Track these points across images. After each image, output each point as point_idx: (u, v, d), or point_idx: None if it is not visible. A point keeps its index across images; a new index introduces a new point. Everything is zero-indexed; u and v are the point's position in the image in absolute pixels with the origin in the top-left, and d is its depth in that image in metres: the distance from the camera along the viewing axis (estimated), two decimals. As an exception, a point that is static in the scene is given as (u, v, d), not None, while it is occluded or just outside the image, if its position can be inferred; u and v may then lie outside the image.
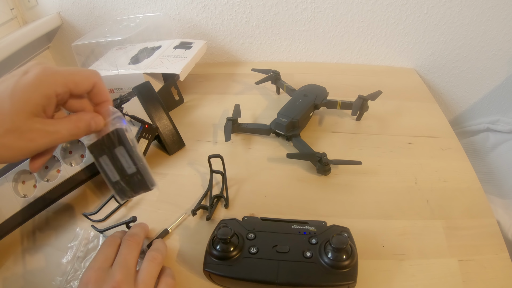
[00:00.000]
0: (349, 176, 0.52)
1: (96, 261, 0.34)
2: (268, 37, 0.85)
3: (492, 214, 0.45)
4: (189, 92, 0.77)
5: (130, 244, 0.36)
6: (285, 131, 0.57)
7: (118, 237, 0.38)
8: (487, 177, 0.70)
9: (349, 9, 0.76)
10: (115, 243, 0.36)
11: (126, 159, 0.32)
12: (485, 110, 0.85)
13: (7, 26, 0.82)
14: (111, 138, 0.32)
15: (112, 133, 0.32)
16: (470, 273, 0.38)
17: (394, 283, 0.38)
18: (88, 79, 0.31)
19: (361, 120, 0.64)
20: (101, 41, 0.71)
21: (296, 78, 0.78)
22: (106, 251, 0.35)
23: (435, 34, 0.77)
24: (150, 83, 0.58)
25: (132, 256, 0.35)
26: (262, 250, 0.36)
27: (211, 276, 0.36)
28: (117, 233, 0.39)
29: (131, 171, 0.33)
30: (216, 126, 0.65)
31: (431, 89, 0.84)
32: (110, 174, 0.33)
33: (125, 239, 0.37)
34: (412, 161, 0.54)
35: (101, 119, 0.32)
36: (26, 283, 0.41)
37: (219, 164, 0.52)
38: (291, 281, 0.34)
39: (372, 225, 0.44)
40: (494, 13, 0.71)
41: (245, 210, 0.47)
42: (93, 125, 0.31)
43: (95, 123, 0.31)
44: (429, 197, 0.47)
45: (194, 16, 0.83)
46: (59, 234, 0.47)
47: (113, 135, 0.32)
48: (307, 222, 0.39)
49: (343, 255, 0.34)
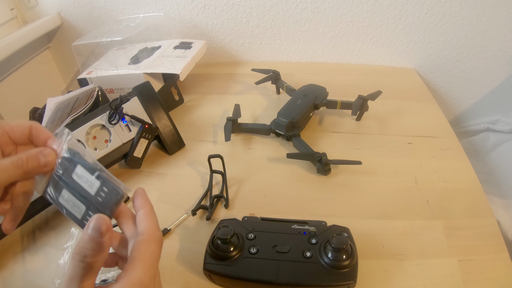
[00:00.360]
0: (349, 176, 0.52)
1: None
2: (268, 37, 0.85)
3: (492, 214, 0.45)
4: (189, 92, 0.77)
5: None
6: (285, 131, 0.57)
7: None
8: (487, 177, 0.70)
9: (349, 9, 0.76)
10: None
11: (85, 177, 0.27)
12: (485, 110, 0.85)
13: (7, 26, 0.82)
14: (65, 164, 0.28)
15: (63, 158, 0.28)
16: (470, 273, 0.38)
17: (394, 283, 0.38)
18: (24, 122, 0.30)
19: (361, 120, 0.64)
20: (101, 41, 0.71)
21: (296, 78, 0.78)
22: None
23: (435, 34, 0.77)
24: (150, 83, 0.58)
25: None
26: (262, 250, 0.36)
27: (211, 276, 0.36)
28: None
29: (95, 188, 0.27)
30: (216, 126, 0.65)
31: (431, 89, 0.84)
32: (75, 211, 0.28)
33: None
34: (412, 161, 0.54)
35: (50, 151, 0.28)
36: (26, 283, 0.41)
37: (219, 164, 0.52)
38: (291, 281, 0.34)
39: (372, 225, 0.44)
40: (494, 13, 0.71)
41: (245, 210, 0.47)
42: (41, 158, 0.28)
43: (44, 155, 0.28)
44: (429, 197, 0.47)
45: (194, 16, 0.83)
46: (59, 234, 0.47)
47: (65, 159, 0.28)
48: (307, 222, 0.39)
49: (343, 255, 0.34)
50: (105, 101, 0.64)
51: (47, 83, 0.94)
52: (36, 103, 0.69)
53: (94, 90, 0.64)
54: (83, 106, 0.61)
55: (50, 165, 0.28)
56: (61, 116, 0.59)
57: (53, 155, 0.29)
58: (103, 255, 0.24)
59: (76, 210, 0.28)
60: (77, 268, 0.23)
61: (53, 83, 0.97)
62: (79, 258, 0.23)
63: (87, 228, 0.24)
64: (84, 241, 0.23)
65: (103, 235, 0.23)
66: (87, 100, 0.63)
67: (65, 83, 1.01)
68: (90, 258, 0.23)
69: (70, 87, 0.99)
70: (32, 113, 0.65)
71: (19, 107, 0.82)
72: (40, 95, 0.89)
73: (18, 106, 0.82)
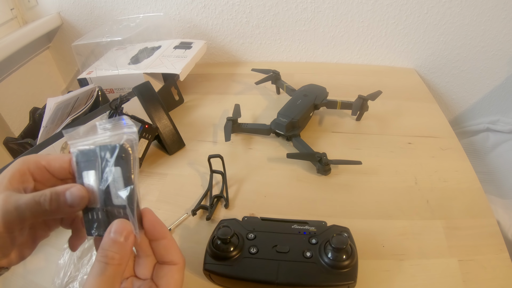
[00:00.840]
0: (349, 176, 0.52)
1: None
2: (268, 37, 0.85)
3: (492, 214, 0.45)
4: (189, 92, 0.77)
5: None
6: (285, 131, 0.57)
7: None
8: (487, 177, 0.70)
9: (349, 9, 0.76)
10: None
11: (118, 185, 0.25)
12: (485, 110, 0.85)
13: (7, 26, 0.82)
14: (108, 151, 0.25)
15: (112, 146, 0.25)
16: (470, 273, 0.38)
17: (394, 283, 0.38)
18: (62, 156, 0.28)
19: (361, 120, 0.64)
20: (101, 41, 0.71)
21: (296, 78, 0.78)
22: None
23: (435, 34, 0.77)
24: (150, 83, 0.58)
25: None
26: (262, 250, 0.36)
27: (211, 276, 0.36)
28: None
29: (119, 202, 0.25)
30: (216, 126, 0.65)
31: (431, 89, 0.84)
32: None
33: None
34: (412, 161, 0.54)
35: (79, 188, 0.25)
36: (26, 283, 0.41)
37: (219, 164, 0.52)
38: (291, 281, 0.34)
39: (372, 225, 0.44)
40: (494, 13, 0.71)
41: (245, 210, 0.47)
42: (68, 197, 0.25)
43: (71, 194, 0.25)
44: (429, 197, 0.47)
45: (194, 16, 0.83)
46: (59, 234, 0.46)
47: (111, 148, 0.25)
48: (307, 222, 0.39)
49: (343, 255, 0.34)
50: (105, 101, 0.64)
51: (47, 83, 0.94)
52: (36, 103, 0.69)
53: (94, 90, 0.64)
54: (83, 106, 0.61)
55: (78, 205, 0.25)
56: (61, 116, 0.59)
57: (83, 193, 0.25)
58: (127, 258, 0.24)
59: (91, 198, 0.26)
60: (103, 271, 0.23)
61: (53, 83, 0.97)
62: (105, 260, 0.23)
63: (109, 231, 0.24)
64: (108, 244, 0.24)
65: (127, 239, 0.24)
66: (87, 100, 0.63)
67: (65, 83, 1.01)
68: (117, 260, 0.23)
69: (70, 87, 0.99)
70: (32, 113, 0.65)
71: (19, 107, 0.82)
72: (40, 95, 0.89)
73: (18, 106, 0.82)
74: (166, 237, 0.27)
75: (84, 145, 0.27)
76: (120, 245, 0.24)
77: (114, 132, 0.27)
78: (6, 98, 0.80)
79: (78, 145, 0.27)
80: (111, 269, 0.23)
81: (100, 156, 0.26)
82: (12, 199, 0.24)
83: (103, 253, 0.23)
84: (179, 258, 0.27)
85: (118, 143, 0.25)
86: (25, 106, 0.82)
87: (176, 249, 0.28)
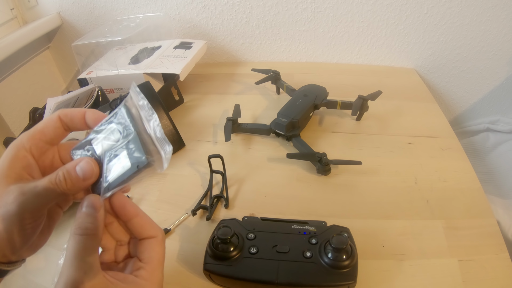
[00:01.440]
0: (349, 176, 0.52)
1: None
2: (268, 37, 0.85)
3: (492, 214, 0.45)
4: (189, 92, 0.77)
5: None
6: (285, 131, 0.57)
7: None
8: (487, 177, 0.70)
9: (349, 9, 0.76)
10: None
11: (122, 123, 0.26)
12: (485, 110, 0.85)
13: (7, 26, 0.82)
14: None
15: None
16: (470, 273, 0.38)
17: (394, 283, 0.38)
18: (50, 119, 0.27)
19: (361, 120, 0.64)
20: (101, 41, 0.71)
21: (296, 78, 0.78)
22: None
23: (435, 34, 0.77)
24: (150, 83, 0.58)
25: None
26: (262, 250, 0.36)
27: (211, 276, 0.36)
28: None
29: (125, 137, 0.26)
30: (216, 126, 0.65)
31: (431, 89, 0.84)
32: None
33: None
34: (412, 161, 0.54)
35: (87, 160, 0.25)
36: (26, 283, 0.41)
37: (219, 164, 0.52)
38: (291, 281, 0.34)
39: (372, 225, 0.44)
40: (494, 13, 0.71)
41: (245, 210, 0.47)
42: (79, 172, 0.25)
43: (81, 168, 0.25)
44: (429, 197, 0.47)
45: (194, 16, 0.83)
46: (59, 234, 0.47)
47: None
48: (307, 222, 0.39)
49: (343, 255, 0.34)
50: (105, 101, 0.64)
51: (47, 83, 0.94)
52: (36, 103, 0.69)
53: (94, 90, 0.64)
54: (83, 106, 0.61)
55: (91, 178, 0.25)
56: (61, 116, 0.59)
57: (91, 164, 0.25)
58: (101, 228, 0.25)
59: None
60: (79, 243, 0.23)
61: (53, 83, 0.97)
62: (80, 232, 0.24)
63: (81, 207, 0.25)
64: (81, 217, 0.24)
65: (98, 211, 0.25)
66: (87, 100, 0.63)
67: (65, 83, 1.01)
68: (91, 230, 0.24)
69: (70, 87, 0.99)
70: (32, 113, 0.65)
71: (19, 107, 0.82)
72: (40, 95, 0.90)
73: (18, 106, 0.82)
74: (138, 214, 0.28)
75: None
76: (93, 217, 0.24)
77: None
78: (6, 98, 0.80)
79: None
80: (87, 240, 0.24)
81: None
82: (28, 189, 0.24)
83: (77, 225, 0.24)
84: (156, 232, 0.28)
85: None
86: (25, 106, 0.82)
87: (151, 224, 0.28)
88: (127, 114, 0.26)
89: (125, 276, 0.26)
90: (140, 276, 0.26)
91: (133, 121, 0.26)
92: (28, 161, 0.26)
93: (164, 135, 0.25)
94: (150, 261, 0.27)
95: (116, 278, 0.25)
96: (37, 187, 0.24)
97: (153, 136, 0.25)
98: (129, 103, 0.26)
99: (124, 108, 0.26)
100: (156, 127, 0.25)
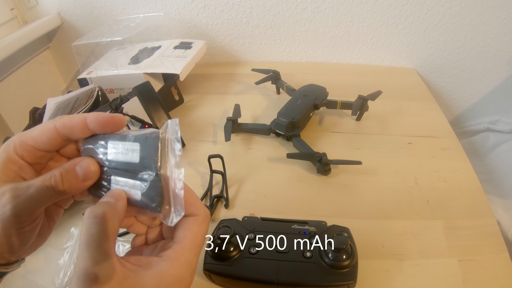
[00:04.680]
0: (349, 176, 0.52)
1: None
2: (268, 37, 0.85)
3: (492, 214, 0.45)
4: (189, 92, 0.77)
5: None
6: (285, 131, 0.57)
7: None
8: (487, 177, 0.70)
9: (349, 9, 0.76)
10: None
11: (124, 147, 0.24)
12: (485, 110, 0.85)
13: (7, 26, 0.82)
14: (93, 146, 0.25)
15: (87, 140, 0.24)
16: (470, 273, 0.38)
17: (394, 283, 0.38)
18: (46, 126, 0.24)
19: (361, 120, 0.64)
20: (101, 41, 0.71)
21: (296, 78, 0.78)
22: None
23: (435, 34, 0.77)
24: (150, 83, 0.58)
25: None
26: (262, 250, 0.36)
27: (211, 276, 0.36)
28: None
29: (137, 152, 0.24)
30: (216, 126, 0.65)
31: (431, 89, 0.84)
32: (133, 194, 0.24)
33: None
34: (412, 161, 0.54)
35: (89, 160, 0.24)
36: (26, 283, 0.41)
37: (219, 164, 0.52)
38: (291, 281, 0.34)
39: (372, 225, 0.44)
40: (494, 13, 0.71)
41: (245, 210, 0.47)
42: (79, 171, 0.23)
43: (81, 167, 0.23)
44: (429, 197, 0.47)
45: (194, 16, 0.83)
46: (59, 234, 0.47)
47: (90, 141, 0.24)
48: (307, 222, 0.39)
49: (343, 255, 0.34)
50: (105, 101, 0.64)
51: (47, 83, 0.94)
52: (36, 103, 0.69)
53: (94, 90, 0.64)
54: (83, 106, 0.61)
55: (91, 178, 0.24)
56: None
57: (93, 164, 0.24)
58: (119, 216, 0.22)
59: (134, 193, 0.23)
60: (94, 229, 0.20)
61: (53, 83, 0.97)
62: (93, 215, 0.21)
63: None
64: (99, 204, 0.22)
65: (118, 200, 0.22)
66: (87, 100, 0.63)
67: (65, 83, 1.01)
68: (106, 214, 0.21)
69: (70, 87, 0.99)
70: (32, 113, 0.65)
71: (19, 107, 0.82)
72: (40, 95, 0.90)
73: (18, 106, 0.82)
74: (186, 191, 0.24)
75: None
76: (109, 204, 0.22)
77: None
78: (6, 98, 0.80)
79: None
80: (101, 225, 0.21)
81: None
82: (21, 191, 0.22)
83: (91, 212, 0.21)
84: (198, 210, 0.25)
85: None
86: (25, 106, 0.82)
87: (195, 201, 0.25)
88: (159, 148, 0.23)
89: (149, 261, 0.22)
90: (166, 257, 0.23)
91: (162, 161, 0.23)
92: (21, 166, 0.24)
93: (182, 196, 0.23)
94: (181, 240, 0.23)
95: (138, 264, 0.22)
96: (30, 188, 0.22)
97: (171, 188, 0.23)
98: (163, 136, 0.23)
99: (159, 140, 0.23)
100: (178, 181, 0.23)
